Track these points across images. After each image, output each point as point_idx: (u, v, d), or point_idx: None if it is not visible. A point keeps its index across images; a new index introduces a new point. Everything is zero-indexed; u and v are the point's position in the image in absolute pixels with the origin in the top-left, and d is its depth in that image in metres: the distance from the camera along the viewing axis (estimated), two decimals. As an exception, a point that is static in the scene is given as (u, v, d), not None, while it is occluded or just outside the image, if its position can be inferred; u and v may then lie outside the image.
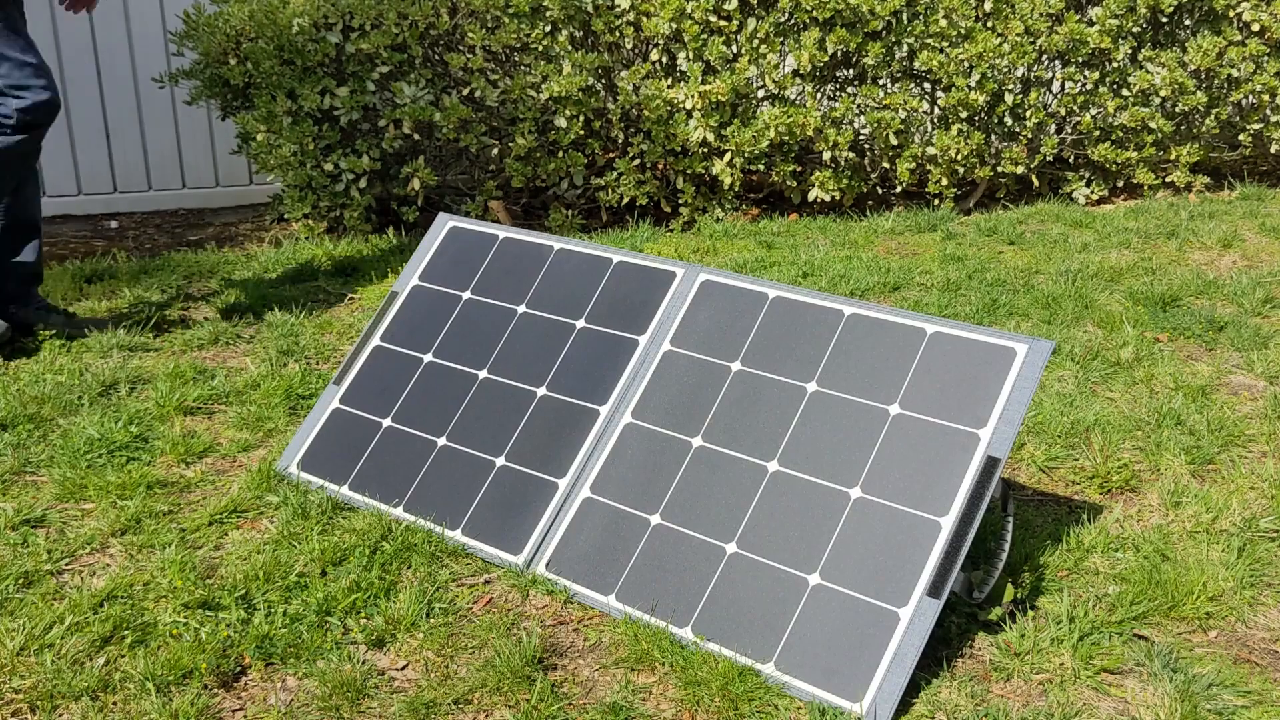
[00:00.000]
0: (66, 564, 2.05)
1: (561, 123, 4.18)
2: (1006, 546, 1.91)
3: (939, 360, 1.85)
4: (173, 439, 2.48)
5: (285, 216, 4.43)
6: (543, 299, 2.23)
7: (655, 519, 1.94)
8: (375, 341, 2.37)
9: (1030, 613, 1.93)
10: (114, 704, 1.68)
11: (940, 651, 1.84)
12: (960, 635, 1.87)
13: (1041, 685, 1.77)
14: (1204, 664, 1.81)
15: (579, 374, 2.12)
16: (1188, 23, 4.83)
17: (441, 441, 2.19)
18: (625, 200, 4.34)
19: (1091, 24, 4.63)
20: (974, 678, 1.77)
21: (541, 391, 2.13)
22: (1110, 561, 2.09)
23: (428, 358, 2.28)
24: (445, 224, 2.44)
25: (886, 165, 4.59)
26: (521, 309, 2.23)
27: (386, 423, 2.26)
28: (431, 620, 1.89)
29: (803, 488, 1.85)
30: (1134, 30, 4.66)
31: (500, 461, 2.12)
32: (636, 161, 4.30)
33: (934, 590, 1.70)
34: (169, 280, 3.59)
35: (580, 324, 2.15)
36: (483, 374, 2.19)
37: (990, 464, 1.74)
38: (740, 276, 2.07)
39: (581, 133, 4.22)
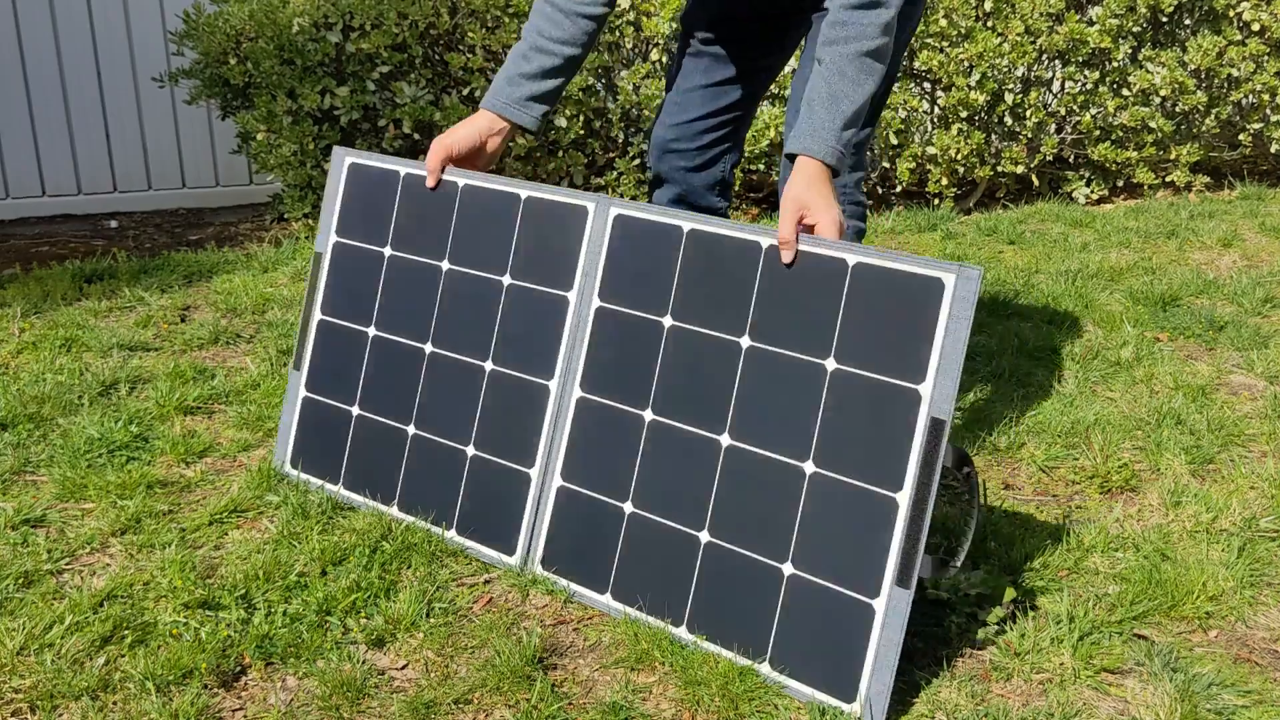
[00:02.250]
0: (66, 564, 2.05)
1: (562, 123, 4.18)
2: (973, 525, 1.82)
3: (866, 297, 1.72)
4: (173, 439, 2.48)
5: (285, 216, 4.43)
6: (462, 250, 2.14)
7: (628, 507, 1.92)
8: (318, 315, 2.30)
9: (1030, 613, 1.93)
10: (114, 704, 1.68)
11: (940, 651, 1.84)
12: (960, 635, 1.87)
13: (1041, 685, 1.77)
14: (1204, 664, 1.81)
15: (519, 342, 2.06)
16: (1188, 22, 4.83)
17: (411, 430, 2.16)
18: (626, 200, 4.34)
19: (1091, 24, 4.63)
20: (974, 677, 1.77)
21: (489, 366, 2.08)
22: (1110, 561, 2.09)
23: (372, 331, 2.23)
24: (344, 161, 2.30)
25: (886, 165, 4.59)
26: (445, 266, 2.14)
27: (356, 411, 2.24)
28: (431, 620, 1.89)
29: (757, 464, 1.80)
30: (1134, 30, 4.66)
31: (470, 451, 2.09)
32: (636, 161, 4.30)
33: (902, 579, 1.66)
34: (169, 280, 3.59)
35: (506, 280, 2.07)
36: (428, 348, 2.15)
37: (935, 427, 1.64)
38: (652, 208, 1.95)
39: (581, 133, 4.22)
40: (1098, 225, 4.35)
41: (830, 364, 1.73)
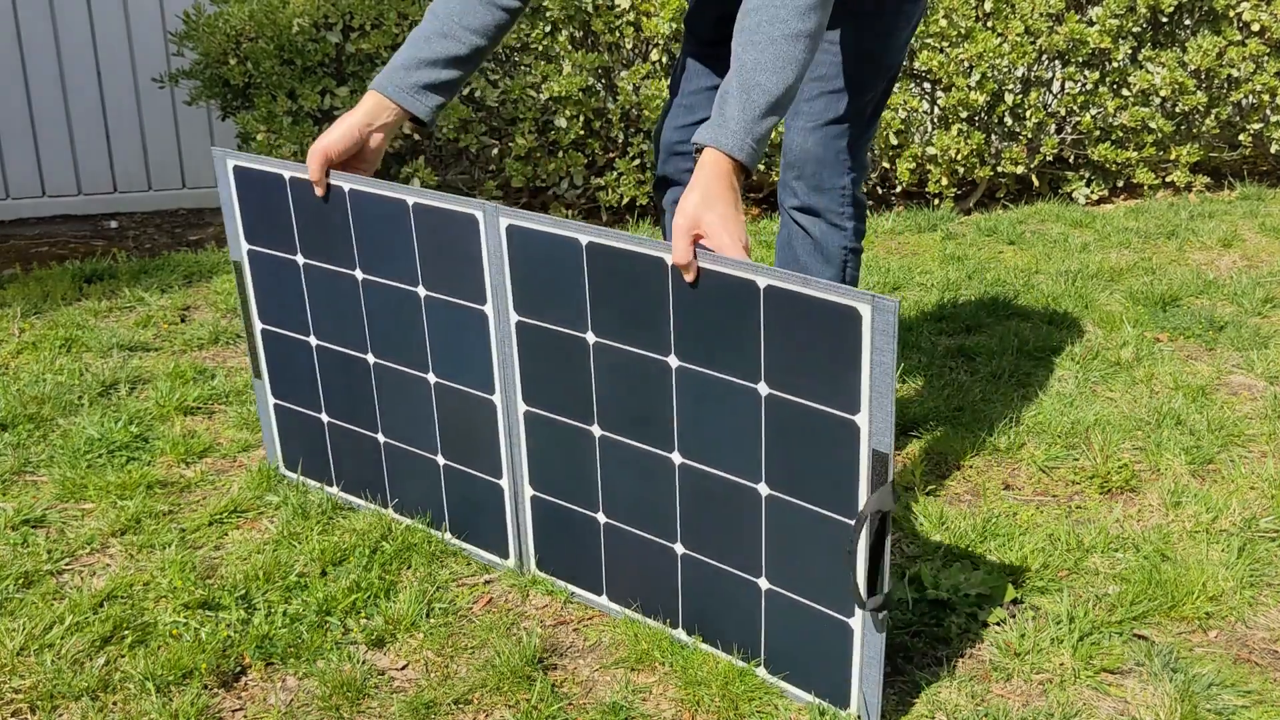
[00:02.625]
0: (66, 564, 2.05)
1: (561, 123, 4.18)
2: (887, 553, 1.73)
3: (783, 322, 1.60)
4: (173, 439, 2.48)
5: (285, 216, 4.43)
6: (371, 260, 2.04)
7: (602, 518, 1.90)
8: (259, 324, 2.26)
9: (1030, 613, 1.93)
10: (114, 704, 1.68)
11: (940, 651, 1.84)
12: (960, 635, 1.87)
13: (1041, 685, 1.77)
14: (1204, 664, 1.82)
15: (452, 355, 1.99)
16: (1188, 23, 4.83)
17: (382, 439, 2.15)
18: (626, 200, 4.34)
19: (1091, 24, 4.63)
20: (974, 678, 1.77)
21: (432, 379, 2.03)
22: (1110, 561, 2.09)
23: (313, 341, 2.18)
24: (227, 164, 2.17)
25: (886, 165, 4.59)
26: (360, 275, 2.05)
27: (326, 419, 2.22)
28: (431, 620, 1.89)
29: (714, 482, 1.74)
30: (1134, 30, 4.66)
31: (441, 461, 2.07)
32: (636, 161, 4.31)
33: (872, 605, 1.61)
34: (169, 280, 3.59)
35: (422, 292, 1.98)
36: (371, 359, 2.10)
37: (878, 460, 1.55)
38: (544, 219, 1.81)
39: (581, 133, 4.22)
40: (1098, 225, 4.35)
41: (763, 389, 1.64)
